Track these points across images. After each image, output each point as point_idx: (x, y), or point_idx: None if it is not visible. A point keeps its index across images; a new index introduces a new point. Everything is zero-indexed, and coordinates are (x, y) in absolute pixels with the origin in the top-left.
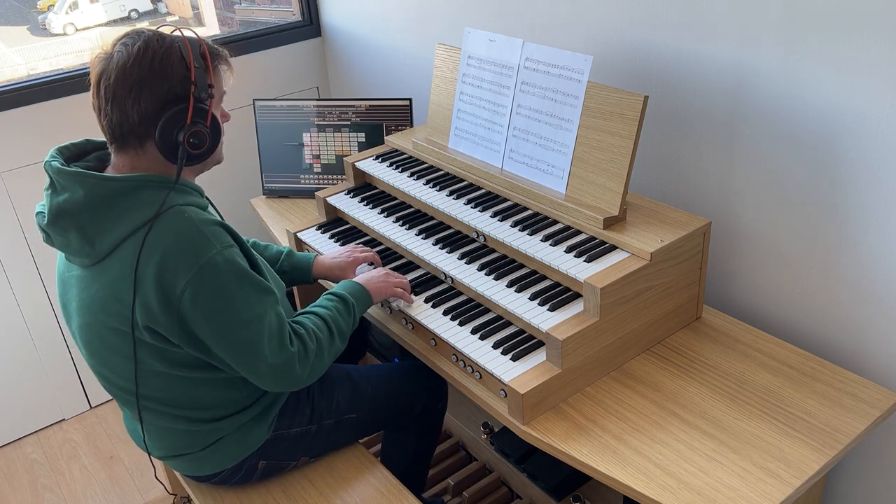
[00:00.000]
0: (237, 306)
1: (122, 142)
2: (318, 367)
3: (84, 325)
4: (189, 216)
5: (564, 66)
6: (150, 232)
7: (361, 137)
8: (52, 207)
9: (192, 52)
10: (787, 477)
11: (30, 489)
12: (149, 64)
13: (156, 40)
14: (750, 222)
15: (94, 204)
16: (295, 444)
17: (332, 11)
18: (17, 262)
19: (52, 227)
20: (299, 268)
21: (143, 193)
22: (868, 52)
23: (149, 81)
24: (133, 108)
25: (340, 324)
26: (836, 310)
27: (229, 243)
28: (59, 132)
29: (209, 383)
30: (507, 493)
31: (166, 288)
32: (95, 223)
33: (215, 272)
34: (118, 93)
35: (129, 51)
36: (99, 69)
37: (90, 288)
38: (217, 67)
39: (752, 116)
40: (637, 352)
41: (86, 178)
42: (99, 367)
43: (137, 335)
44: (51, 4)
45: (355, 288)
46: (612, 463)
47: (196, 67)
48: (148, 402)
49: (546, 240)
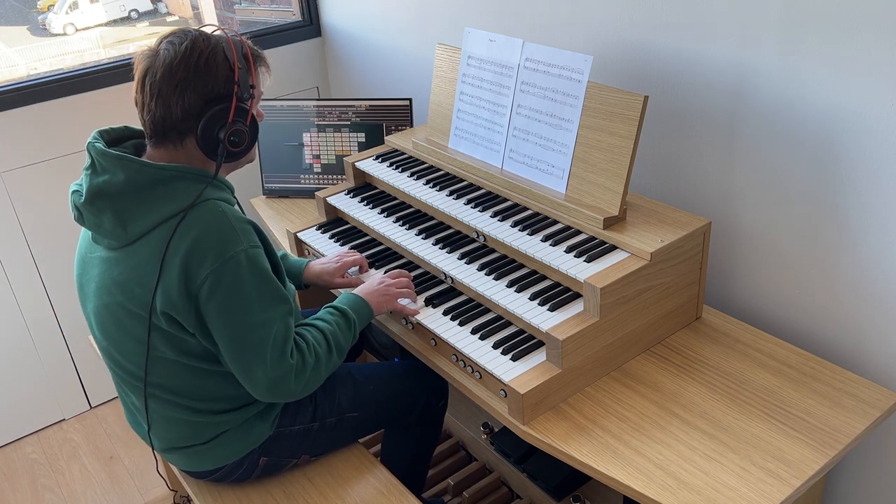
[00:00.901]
0: (250, 306)
1: (161, 136)
2: (312, 381)
3: (101, 306)
4: (223, 210)
5: (564, 66)
6: (184, 220)
7: (361, 137)
8: (91, 187)
9: (235, 53)
10: (787, 477)
11: (30, 489)
12: (195, 63)
13: (202, 40)
14: (750, 222)
15: (132, 189)
16: (297, 441)
17: (332, 11)
18: (17, 262)
19: (88, 206)
20: (291, 273)
21: (181, 184)
22: (868, 52)
23: (194, 80)
24: (177, 104)
25: (339, 339)
26: (837, 310)
27: (256, 243)
28: (60, 132)
29: (217, 375)
30: (507, 493)
31: (190, 275)
32: (132, 207)
33: (237, 268)
34: (164, 89)
35: (176, 49)
36: (144, 66)
37: (113, 270)
38: (258, 69)
39: (752, 116)
40: (637, 352)
41: (129, 162)
42: (111, 349)
43: (154, 320)
44: (51, 4)
45: (357, 302)
46: (612, 463)
47: (239, 68)
48: (154, 390)
49: (546, 240)
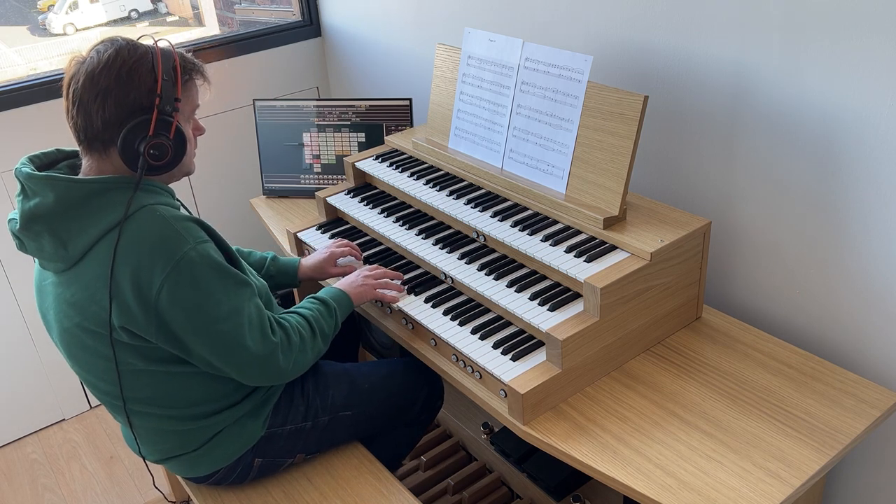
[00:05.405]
0: (215, 300)
1: (87, 145)
2: (301, 362)
3: (63, 332)
4: (161, 214)
5: (564, 66)
6: (123, 232)
7: (361, 137)
8: (24, 213)
9: (161, 65)
10: (787, 477)
11: (30, 489)
12: (116, 72)
13: (127, 50)
14: (750, 222)
15: (65, 207)
16: (290, 441)
17: (332, 11)
18: (17, 262)
19: (24, 232)
20: (284, 272)
21: (114, 195)
22: (868, 52)
23: (114, 90)
24: (97, 114)
25: (322, 325)
26: (837, 310)
27: (203, 238)
28: (59, 132)
29: (191, 377)
30: (507, 493)
31: (143, 287)
32: (67, 226)
33: (191, 267)
34: (84, 98)
35: (100, 57)
36: (70, 72)
37: (66, 293)
38: (190, 81)
39: (752, 116)
40: (637, 352)
41: (56, 181)
42: (83, 373)
43: (115, 336)
44: (51, 4)
45: (336, 293)
46: (612, 463)
47: (164, 80)
48: (135, 405)
49: (546, 240)
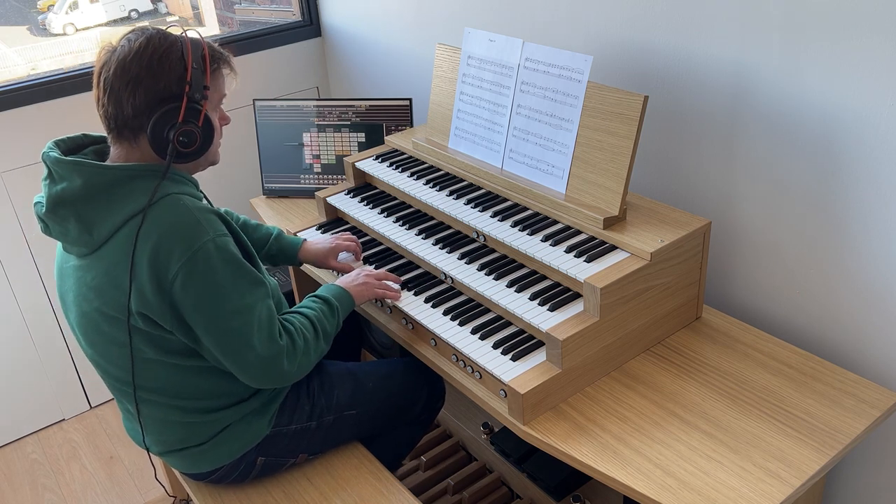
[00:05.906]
0: (228, 294)
1: (117, 133)
2: (304, 364)
3: (81, 315)
4: (184, 203)
5: (564, 66)
6: (146, 218)
7: (361, 137)
8: (51, 196)
9: (191, 53)
10: (787, 477)
11: (30, 489)
12: (147, 60)
13: (158, 39)
14: (750, 222)
15: (91, 192)
16: (294, 441)
17: (332, 11)
18: (17, 262)
19: (50, 215)
20: (286, 251)
21: (140, 182)
22: (868, 52)
23: (145, 78)
24: (128, 102)
25: (325, 325)
26: (837, 310)
27: (223, 232)
28: (59, 132)
29: (205, 372)
30: (507, 493)
31: (160, 272)
32: (93, 211)
33: (207, 258)
34: (115, 86)
35: (131, 46)
36: (101, 61)
37: (87, 276)
38: (218, 70)
39: (752, 116)
40: (637, 352)
41: (84, 167)
42: (97, 357)
43: (132, 322)
44: (51, 4)
45: (338, 291)
46: (612, 463)
47: (194, 68)
48: (144, 393)
49: (546, 240)
